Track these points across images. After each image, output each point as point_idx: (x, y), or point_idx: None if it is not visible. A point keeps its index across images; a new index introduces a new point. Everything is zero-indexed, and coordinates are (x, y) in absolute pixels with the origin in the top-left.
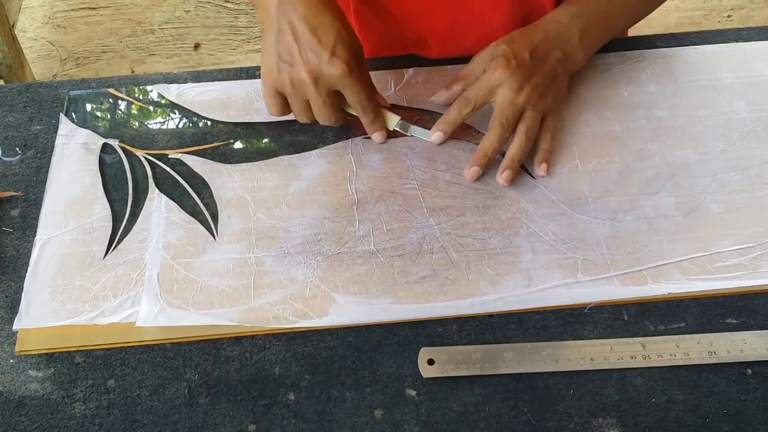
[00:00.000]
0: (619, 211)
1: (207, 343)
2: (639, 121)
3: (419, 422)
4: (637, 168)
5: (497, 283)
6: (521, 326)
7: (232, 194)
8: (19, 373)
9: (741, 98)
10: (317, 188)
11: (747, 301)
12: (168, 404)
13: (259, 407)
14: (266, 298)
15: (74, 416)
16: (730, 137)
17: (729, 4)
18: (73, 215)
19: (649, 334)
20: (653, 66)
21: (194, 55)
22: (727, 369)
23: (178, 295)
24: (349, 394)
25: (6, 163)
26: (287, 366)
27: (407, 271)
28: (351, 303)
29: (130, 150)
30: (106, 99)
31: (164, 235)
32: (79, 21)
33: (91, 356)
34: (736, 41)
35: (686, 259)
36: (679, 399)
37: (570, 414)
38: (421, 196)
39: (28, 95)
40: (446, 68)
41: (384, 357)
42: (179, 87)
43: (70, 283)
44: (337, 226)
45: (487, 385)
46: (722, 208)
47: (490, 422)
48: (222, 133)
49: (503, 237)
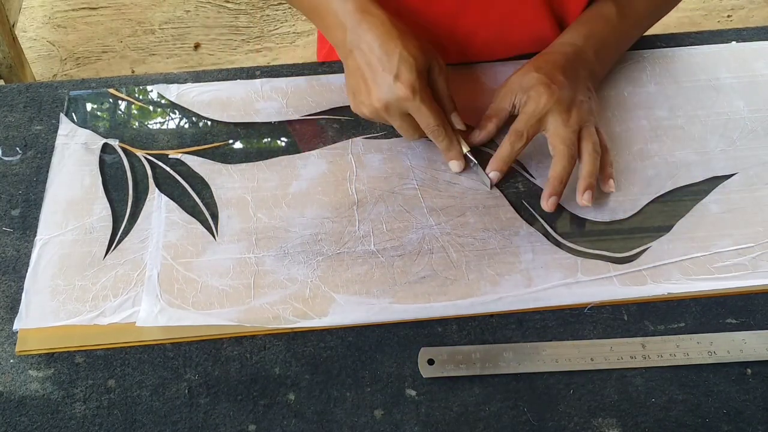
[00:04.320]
0: (619, 211)
1: (207, 343)
2: (639, 121)
3: (419, 422)
4: (637, 168)
5: (497, 283)
6: (521, 326)
7: (232, 194)
8: (19, 373)
9: (741, 98)
10: (317, 188)
11: (747, 301)
12: (168, 404)
13: (259, 407)
14: (266, 298)
15: (74, 416)
16: (730, 137)
17: (729, 4)
18: (73, 215)
19: (649, 334)
20: (653, 66)
21: (194, 55)
22: (727, 369)
23: (178, 295)
24: (349, 394)
25: (6, 163)
26: (287, 366)
27: (407, 271)
28: (351, 303)
29: (131, 150)
30: (106, 99)
31: (164, 235)
32: (79, 21)
33: (92, 356)
34: (735, 41)
35: (686, 259)
36: (679, 399)
37: (570, 414)
38: (421, 196)
39: (28, 95)
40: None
41: (384, 357)
42: (179, 87)
43: (70, 283)
44: (337, 226)
45: (487, 385)
46: (722, 208)
47: (490, 422)
48: (222, 133)
49: (503, 237)
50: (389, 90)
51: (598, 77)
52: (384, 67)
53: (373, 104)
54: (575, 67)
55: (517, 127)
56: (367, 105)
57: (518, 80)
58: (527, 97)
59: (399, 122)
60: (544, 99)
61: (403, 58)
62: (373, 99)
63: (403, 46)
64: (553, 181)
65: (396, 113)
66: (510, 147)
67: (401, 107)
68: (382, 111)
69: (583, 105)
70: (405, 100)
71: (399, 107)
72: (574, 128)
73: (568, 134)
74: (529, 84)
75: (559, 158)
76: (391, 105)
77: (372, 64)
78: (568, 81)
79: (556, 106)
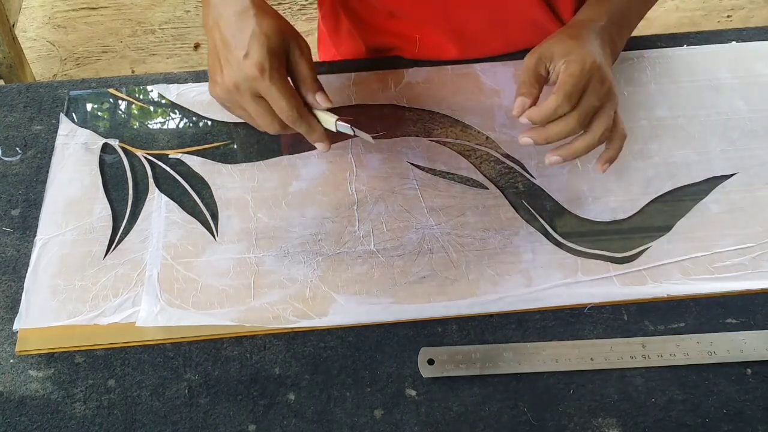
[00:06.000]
0: (620, 211)
1: (207, 343)
2: (639, 121)
3: (419, 422)
4: (637, 168)
5: (497, 283)
6: (521, 326)
7: (232, 194)
8: (19, 373)
9: (740, 98)
10: (317, 188)
11: (747, 301)
12: (168, 404)
13: (259, 407)
14: (266, 298)
15: (74, 416)
16: (730, 137)
17: (729, 4)
18: (73, 215)
19: (649, 334)
20: (653, 66)
21: (194, 55)
22: (727, 369)
23: (178, 295)
24: (349, 394)
25: (6, 163)
26: (287, 366)
27: (407, 271)
28: (351, 303)
29: (131, 150)
30: (106, 99)
31: (164, 235)
32: (79, 21)
33: (92, 356)
34: (735, 41)
35: (686, 259)
36: (679, 399)
37: (570, 414)
38: (421, 196)
39: (28, 95)
40: (446, 68)
41: (384, 357)
42: (179, 87)
43: (70, 283)
44: (337, 226)
45: (487, 385)
46: (722, 208)
47: (490, 422)
48: (222, 133)
49: (503, 237)
50: (238, 68)
51: (616, 57)
52: (236, 45)
53: (225, 84)
54: (602, 43)
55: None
56: (220, 85)
57: (553, 46)
58: (568, 61)
59: (253, 106)
60: (589, 62)
61: (254, 35)
62: (225, 78)
63: (257, 24)
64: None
65: (247, 94)
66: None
67: (251, 87)
68: (234, 92)
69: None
70: (253, 80)
71: (249, 87)
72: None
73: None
74: (566, 50)
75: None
76: (240, 85)
77: (227, 42)
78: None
79: (597, 73)
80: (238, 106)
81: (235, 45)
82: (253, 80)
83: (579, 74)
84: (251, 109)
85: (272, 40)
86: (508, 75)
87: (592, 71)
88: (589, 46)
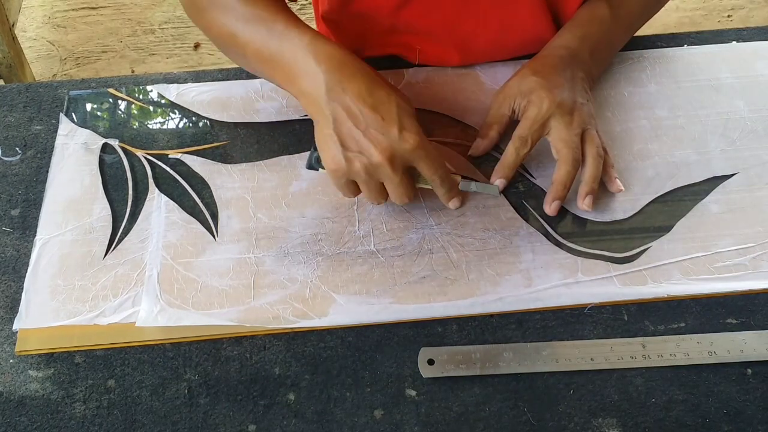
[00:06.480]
0: (620, 211)
1: (207, 343)
2: (639, 121)
3: (419, 422)
4: (637, 168)
5: (497, 283)
6: (521, 326)
7: (232, 194)
8: (19, 373)
9: (741, 98)
10: (317, 188)
11: (747, 301)
12: (168, 404)
13: (259, 407)
14: (266, 298)
15: (74, 416)
16: (730, 137)
17: (729, 4)
18: (73, 215)
19: (649, 334)
20: (653, 66)
21: (194, 55)
22: (727, 369)
23: (178, 295)
24: (349, 394)
25: (6, 163)
26: (287, 366)
27: (407, 271)
28: (351, 303)
29: (130, 150)
30: (106, 99)
31: (164, 235)
32: (79, 21)
33: (91, 356)
34: (735, 41)
35: (686, 259)
36: (679, 399)
37: (570, 414)
38: (422, 196)
39: (28, 95)
40: (446, 68)
41: (384, 357)
42: (179, 87)
43: (70, 283)
44: (337, 226)
45: (487, 385)
46: (722, 208)
47: (490, 422)
48: (222, 133)
49: (503, 237)
50: (395, 142)
51: (594, 79)
52: (383, 118)
53: (374, 160)
54: (573, 70)
55: (520, 133)
56: (366, 162)
57: (516, 85)
58: (528, 101)
59: (398, 178)
60: (546, 103)
61: (400, 107)
62: (374, 154)
63: (396, 95)
64: (557, 186)
65: (399, 166)
66: (515, 153)
67: (407, 159)
68: (385, 165)
69: (584, 108)
70: (414, 150)
71: (404, 159)
72: (577, 131)
73: (572, 137)
74: (528, 88)
75: (564, 162)
76: (397, 157)
77: (367, 118)
78: (567, 84)
79: (558, 110)
80: (373, 179)
81: (383, 118)
82: (413, 150)
83: (533, 118)
84: (395, 181)
85: (412, 108)
86: (508, 75)
87: (551, 110)
88: (553, 80)
